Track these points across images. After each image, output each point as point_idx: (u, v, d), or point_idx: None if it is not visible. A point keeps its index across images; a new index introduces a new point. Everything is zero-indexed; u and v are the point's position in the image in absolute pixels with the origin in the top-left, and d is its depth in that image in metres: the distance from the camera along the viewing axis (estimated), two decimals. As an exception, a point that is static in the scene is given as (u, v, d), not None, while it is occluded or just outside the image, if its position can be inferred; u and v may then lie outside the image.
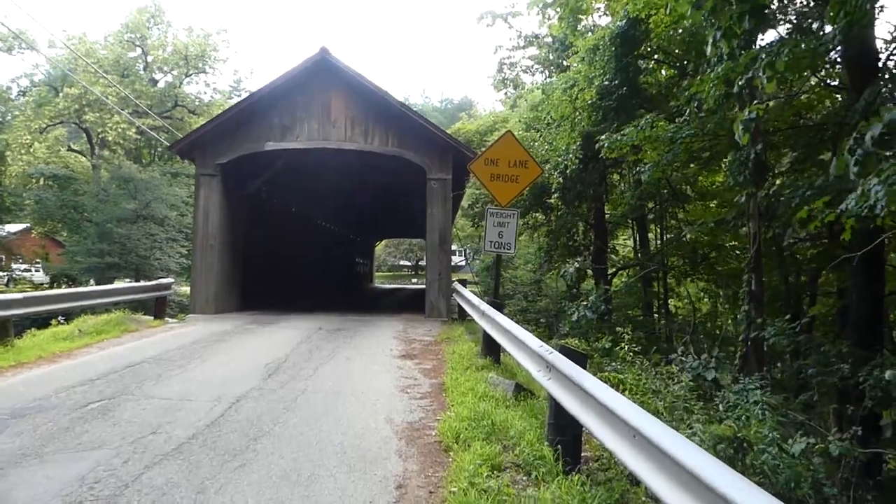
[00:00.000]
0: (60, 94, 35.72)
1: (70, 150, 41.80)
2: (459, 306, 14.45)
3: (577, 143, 14.68)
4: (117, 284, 20.13)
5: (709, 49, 6.33)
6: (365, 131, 15.84)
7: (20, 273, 40.66)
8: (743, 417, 6.29)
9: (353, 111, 15.85)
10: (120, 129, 35.03)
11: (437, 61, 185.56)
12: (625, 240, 25.88)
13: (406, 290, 38.05)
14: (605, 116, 13.95)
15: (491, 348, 9.38)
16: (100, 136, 36.26)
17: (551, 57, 21.59)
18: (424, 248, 22.62)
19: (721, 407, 6.83)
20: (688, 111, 10.40)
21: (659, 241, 19.80)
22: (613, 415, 3.96)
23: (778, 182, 10.36)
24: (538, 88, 22.90)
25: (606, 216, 20.00)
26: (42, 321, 13.43)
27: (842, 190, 7.92)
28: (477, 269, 35.98)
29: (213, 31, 40.94)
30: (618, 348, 8.85)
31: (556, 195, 17.05)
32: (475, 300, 10.96)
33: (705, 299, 19.58)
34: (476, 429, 5.72)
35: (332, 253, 32.61)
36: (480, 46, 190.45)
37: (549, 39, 21.92)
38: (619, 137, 11.35)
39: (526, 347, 6.48)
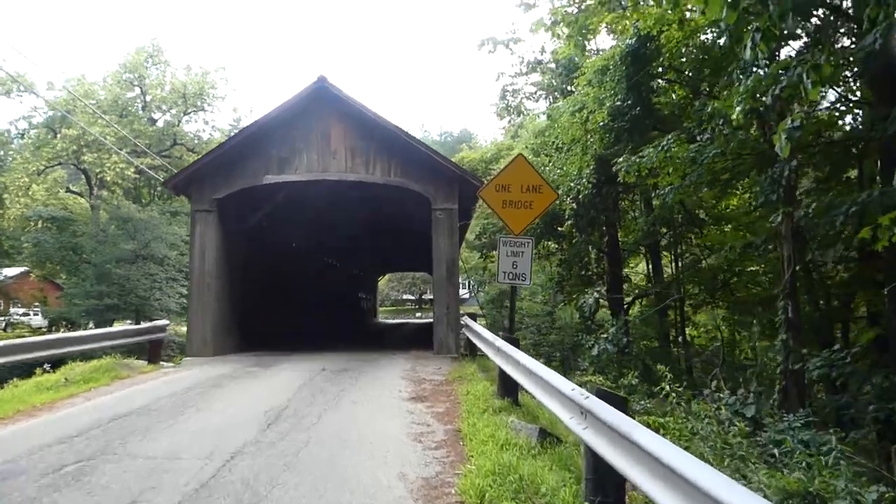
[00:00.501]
0: (58, 136, 35.45)
1: (69, 191, 41.48)
2: (468, 340, 13.72)
3: (591, 167, 14.09)
4: (108, 328, 19.39)
5: (747, 53, 5.74)
6: (366, 161, 15.23)
7: (18, 317, 40.03)
8: (803, 464, 5.52)
9: (353, 141, 15.25)
10: (118, 169, 34.73)
11: (435, 96, 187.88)
12: (633, 267, 25.22)
13: (411, 325, 37.43)
14: (618, 138, 13.40)
15: (508, 388, 8.68)
16: (98, 176, 35.91)
17: (555, 82, 21.17)
18: (430, 282, 21.95)
19: (776, 452, 6.06)
20: (710, 128, 9.79)
21: (673, 268, 19.14)
22: (682, 479, 3.23)
23: (811, 201, 9.68)
24: (543, 114, 22.48)
25: (620, 243, 19.38)
26: (27, 370, 12.68)
27: (886, 206, 7.31)
28: (482, 302, 35.24)
29: (212, 69, 40.84)
30: (657, 388, 8.08)
31: (569, 222, 16.40)
32: (489, 336, 10.24)
33: (723, 327, 18.87)
34: (502, 485, 5.02)
35: (336, 289, 31.94)
36: (478, 80, 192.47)
37: (553, 65, 21.55)
38: (637, 160, 10.73)
39: (554, 390, 5.77)
